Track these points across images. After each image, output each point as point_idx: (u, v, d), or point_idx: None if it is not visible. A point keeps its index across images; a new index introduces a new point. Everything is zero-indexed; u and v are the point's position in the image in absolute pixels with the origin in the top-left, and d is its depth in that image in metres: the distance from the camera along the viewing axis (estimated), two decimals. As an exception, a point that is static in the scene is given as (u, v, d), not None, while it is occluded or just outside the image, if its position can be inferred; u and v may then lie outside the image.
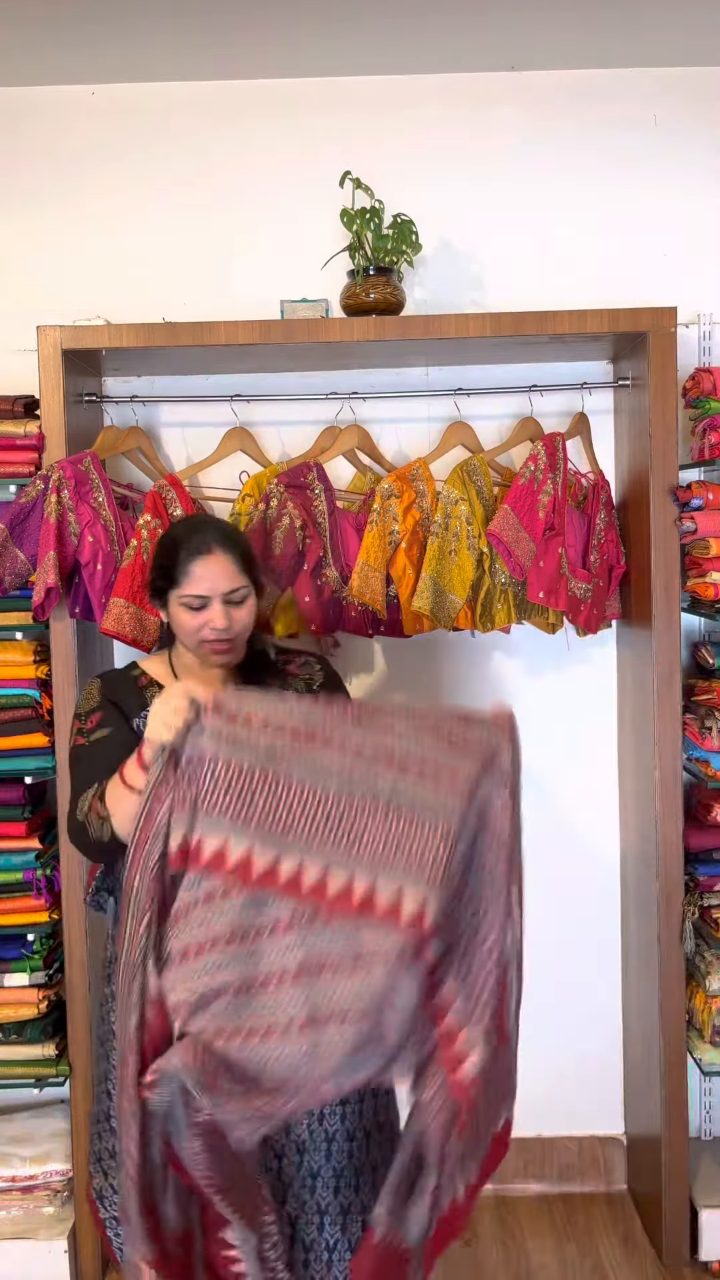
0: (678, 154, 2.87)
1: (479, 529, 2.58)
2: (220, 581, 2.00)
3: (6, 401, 2.60)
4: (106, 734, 2.02)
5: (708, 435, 2.58)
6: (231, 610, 2.01)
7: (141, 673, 2.13)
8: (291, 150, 2.85)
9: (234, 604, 2.02)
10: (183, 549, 2.02)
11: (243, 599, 2.03)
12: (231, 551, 2.02)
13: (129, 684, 2.10)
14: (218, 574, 2.00)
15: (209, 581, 1.99)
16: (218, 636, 2.01)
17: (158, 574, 2.07)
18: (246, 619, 2.04)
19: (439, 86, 2.86)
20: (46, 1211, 2.65)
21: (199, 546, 2.01)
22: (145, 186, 2.86)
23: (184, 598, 2.00)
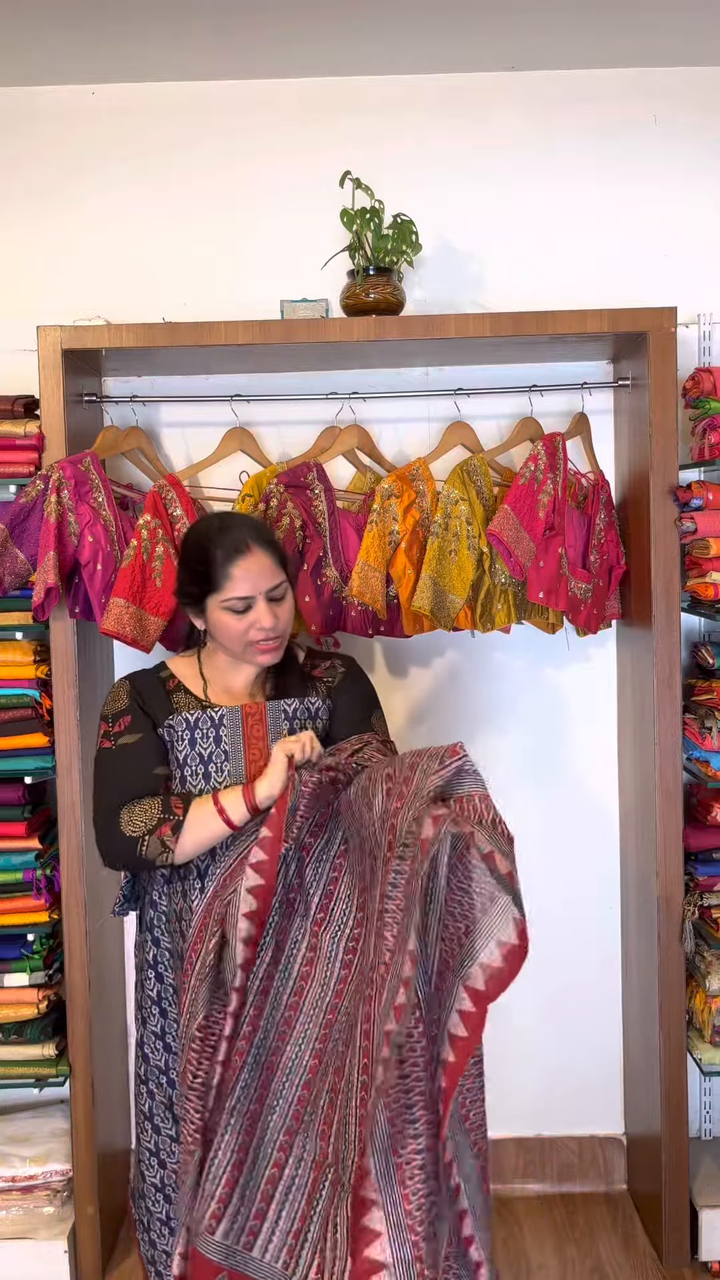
0: (678, 154, 2.87)
1: (479, 529, 2.58)
2: (262, 580, 1.97)
3: (6, 401, 2.60)
4: (135, 740, 2.01)
5: (708, 435, 2.58)
6: (275, 607, 1.98)
7: (170, 674, 2.10)
8: (291, 150, 2.85)
9: (276, 601, 1.99)
10: (218, 550, 1.97)
11: (283, 595, 2.01)
12: (267, 547, 1.99)
13: (157, 686, 2.08)
14: (258, 572, 1.96)
15: (251, 581, 1.96)
16: (266, 636, 1.98)
17: (191, 580, 2.01)
18: (289, 615, 2.02)
19: (439, 87, 2.86)
20: (46, 1211, 2.65)
21: (236, 546, 1.96)
22: (145, 186, 2.86)
23: (227, 601, 1.97)
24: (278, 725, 2.05)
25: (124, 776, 1.98)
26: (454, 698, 2.94)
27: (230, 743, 2.02)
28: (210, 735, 2.02)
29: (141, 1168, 2.12)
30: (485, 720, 2.94)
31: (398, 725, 2.93)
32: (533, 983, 2.95)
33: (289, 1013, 1.86)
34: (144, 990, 2.09)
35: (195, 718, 2.02)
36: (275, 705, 2.07)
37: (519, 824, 2.93)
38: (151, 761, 2.00)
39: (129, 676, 2.11)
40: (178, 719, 2.02)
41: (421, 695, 2.94)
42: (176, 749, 2.02)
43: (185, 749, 2.02)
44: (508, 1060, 2.94)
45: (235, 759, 2.02)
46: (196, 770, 2.01)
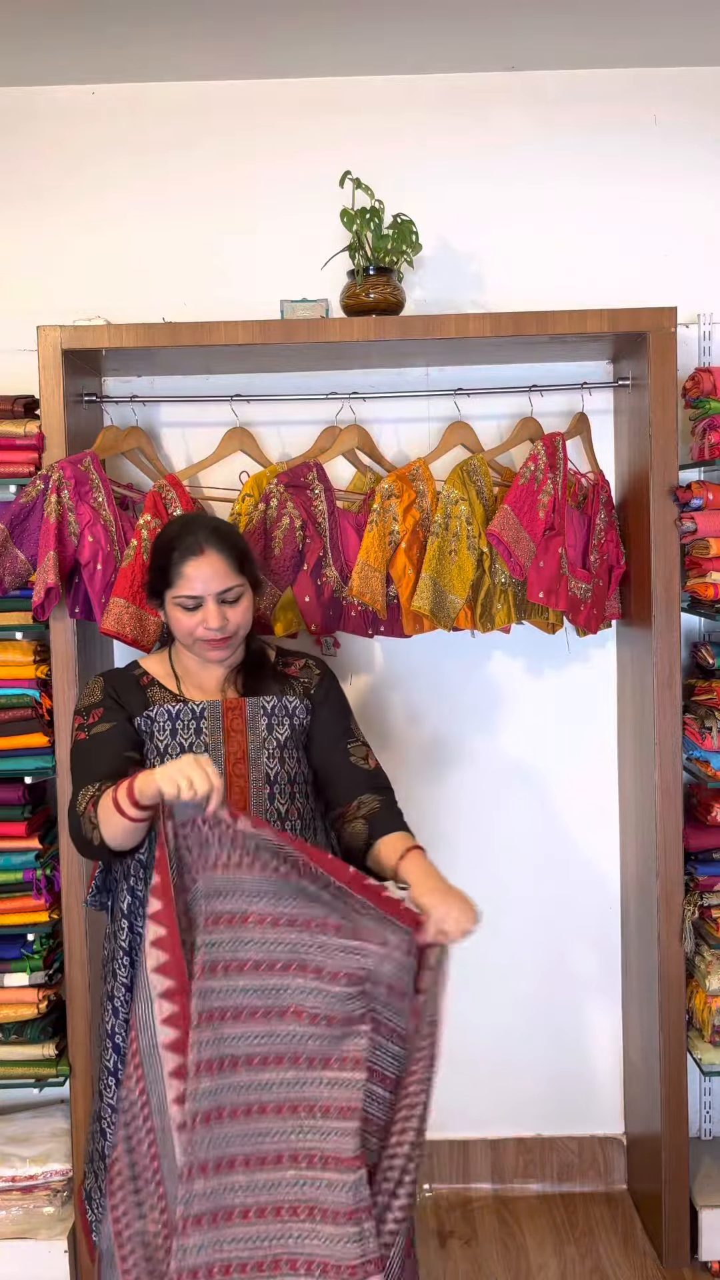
0: (678, 154, 2.87)
1: (479, 529, 2.58)
2: (213, 581, 2.01)
3: (6, 401, 2.60)
4: (108, 728, 2.03)
5: (708, 435, 2.58)
6: (226, 609, 2.02)
7: (144, 672, 2.13)
8: (291, 150, 2.85)
9: (228, 603, 2.03)
10: (175, 549, 2.02)
11: (237, 598, 2.04)
12: (224, 550, 2.03)
13: (131, 682, 2.11)
14: (210, 574, 2.00)
15: (201, 582, 2.00)
16: (211, 635, 2.02)
17: (154, 574, 2.08)
18: (241, 618, 2.05)
19: (439, 86, 2.86)
20: (46, 1211, 2.65)
21: (191, 546, 2.01)
22: (145, 186, 2.86)
23: (178, 598, 2.02)
24: (256, 721, 2.07)
25: (98, 763, 1.98)
26: (454, 697, 2.94)
27: (210, 735, 2.04)
28: (191, 727, 2.04)
29: (94, 1145, 2.09)
30: (485, 720, 2.94)
31: (398, 725, 2.93)
32: (533, 982, 2.97)
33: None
34: (115, 980, 2.07)
35: (177, 709, 2.04)
36: (255, 701, 2.08)
37: (519, 824, 2.95)
38: (122, 746, 2.01)
39: (102, 674, 2.14)
40: (159, 710, 2.04)
41: (421, 695, 2.94)
42: (158, 739, 2.03)
43: (167, 739, 2.03)
44: (508, 1060, 2.94)
45: (215, 751, 2.03)
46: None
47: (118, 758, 1.98)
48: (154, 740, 2.03)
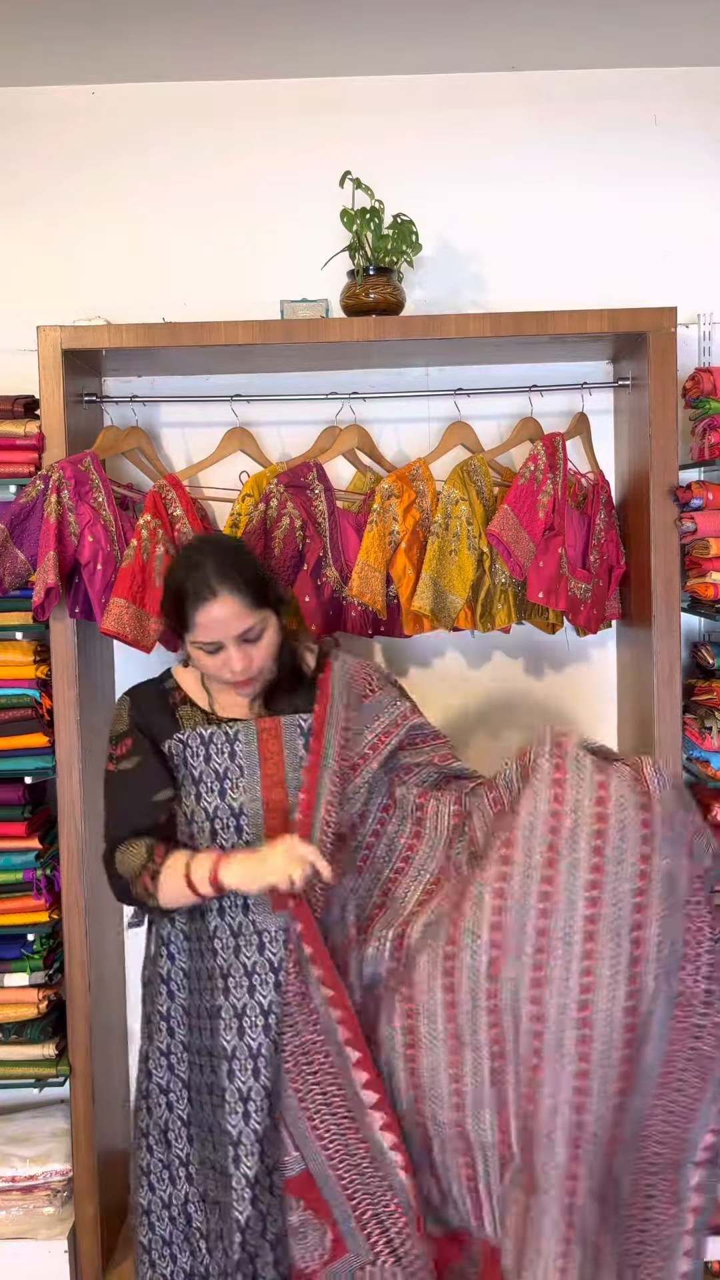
0: (678, 154, 2.87)
1: (479, 529, 2.58)
2: (231, 625, 1.91)
3: (6, 401, 2.60)
4: (134, 765, 1.99)
5: (708, 435, 2.58)
6: (249, 649, 1.94)
7: (175, 685, 2.08)
8: (291, 150, 2.85)
9: (250, 642, 1.94)
10: (186, 594, 1.92)
11: (259, 635, 1.95)
12: (236, 590, 1.91)
13: (161, 700, 2.06)
14: (226, 619, 1.91)
15: (218, 628, 1.91)
16: (236, 678, 1.95)
17: (169, 617, 2.00)
18: (266, 653, 1.98)
19: (439, 86, 2.86)
20: (46, 1211, 2.65)
21: (200, 592, 1.90)
22: (145, 186, 2.86)
23: (197, 643, 1.95)
24: (293, 740, 2.02)
25: (123, 805, 1.99)
26: (454, 698, 2.94)
27: (245, 758, 2.00)
28: (225, 751, 2.00)
29: (136, 1184, 2.08)
30: (485, 720, 2.94)
31: (398, 725, 2.93)
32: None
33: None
34: (154, 1004, 2.06)
35: (210, 733, 2.00)
36: (291, 720, 2.03)
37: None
38: (151, 788, 1.98)
39: (131, 692, 2.09)
40: (191, 735, 2.00)
41: (421, 695, 2.92)
42: (191, 765, 2.00)
43: (200, 765, 1.99)
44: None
45: (250, 774, 1.99)
46: (212, 787, 1.99)
47: (147, 803, 1.97)
48: (188, 767, 1.99)
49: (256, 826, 1.97)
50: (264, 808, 1.98)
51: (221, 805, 1.98)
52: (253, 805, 1.98)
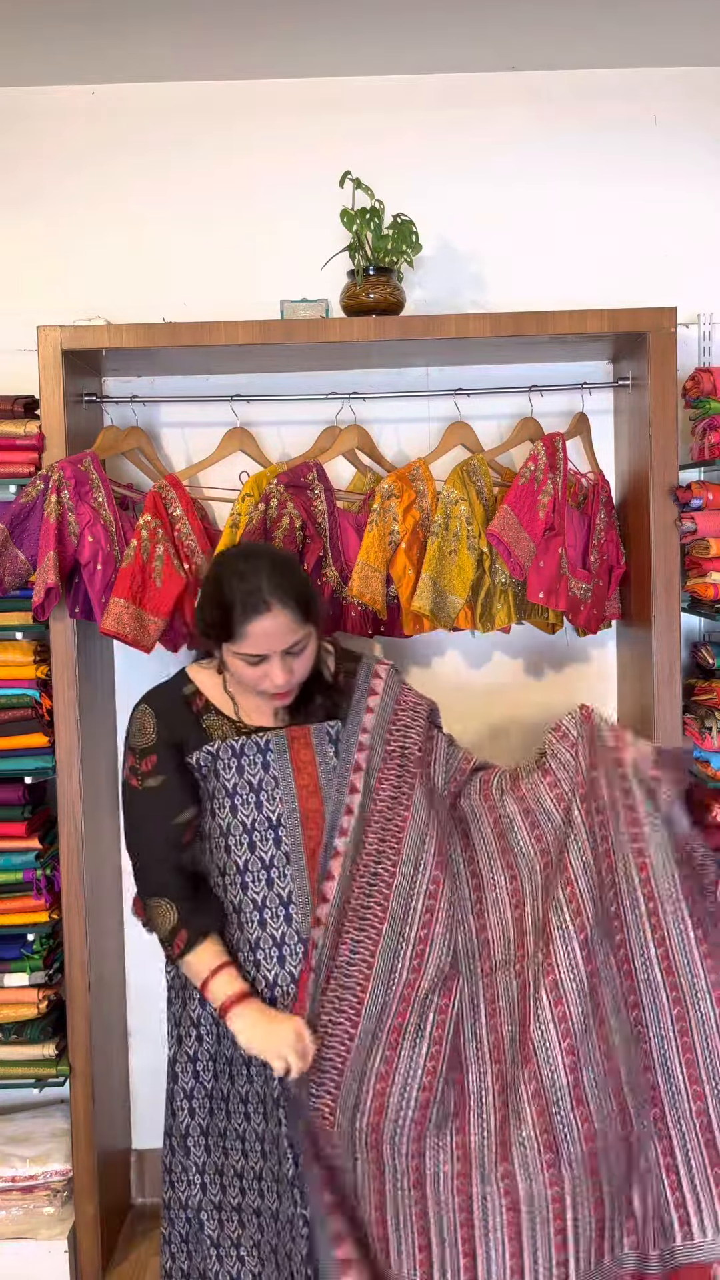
0: (678, 154, 2.87)
1: (479, 529, 2.58)
2: (279, 639, 1.89)
3: (6, 401, 2.60)
4: (159, 784, 1.97)
5: (708, 435, 2.58)
6: (291, 661, 1.92)
7: (196, 690, 2.04)
8: (291, 150, 2.85)
9: (294, 655, 1.93)
10: (236, 605, 1.88)
11: (302, 649, 1.94)
12: (289, 604, 1.89)
13: (183, 708, 2.01)
14: (276, 632, 1.88)
15: (267, 641, 1.89)
16: (277, 690, 1.94)
17: (208, 625, 1.95)
18: (307, 666, 1.97)
19: (439, 86, 2.86)
20: (46, 1211, 2.65)
21: (254, 605, 1.87)
22: (145, 186, 2.86)
23: (241, 654, 1.91)
24: (323, 749, 2.02)
25: (150, 827, 1.98)
26: (454, 698, 2.93)
27: (279, 768, 1.99)
28: (258, 762, 1.98)
29: (163, 1180, 2.09)
30: (485, 720, 2.94)
31: (398, 725, 2.92)
32: (533, 983, 2.96)
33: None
34: (184, 1009, 2.04)
35: (240, 744, 1.98)
36: (320, 729, 2.03)
37: (519, 824, 2.94)
38: (174, 811, 1.97)
39: (152, 701, 2.03)
40: (222, 747, 1.98)
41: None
42: (224, 777, 1.98)
43: (234, 777, 1.98)
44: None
45: (285, 784, 1.98)
46: (248, 799, 1.97)
47: (169, 826, 1.96)
48: (220, 779, 1.97)
49: (295, 836, 1.97)
50: (302, 818, 1.97)
51: (259, 817, 1.97)
52: (290, 816, 1.97)
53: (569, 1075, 1.83)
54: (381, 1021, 1.91)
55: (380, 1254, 1.85)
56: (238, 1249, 1.98)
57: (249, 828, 1.96)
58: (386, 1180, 1.86)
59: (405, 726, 2.08)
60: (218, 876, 1.99)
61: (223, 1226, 1.99)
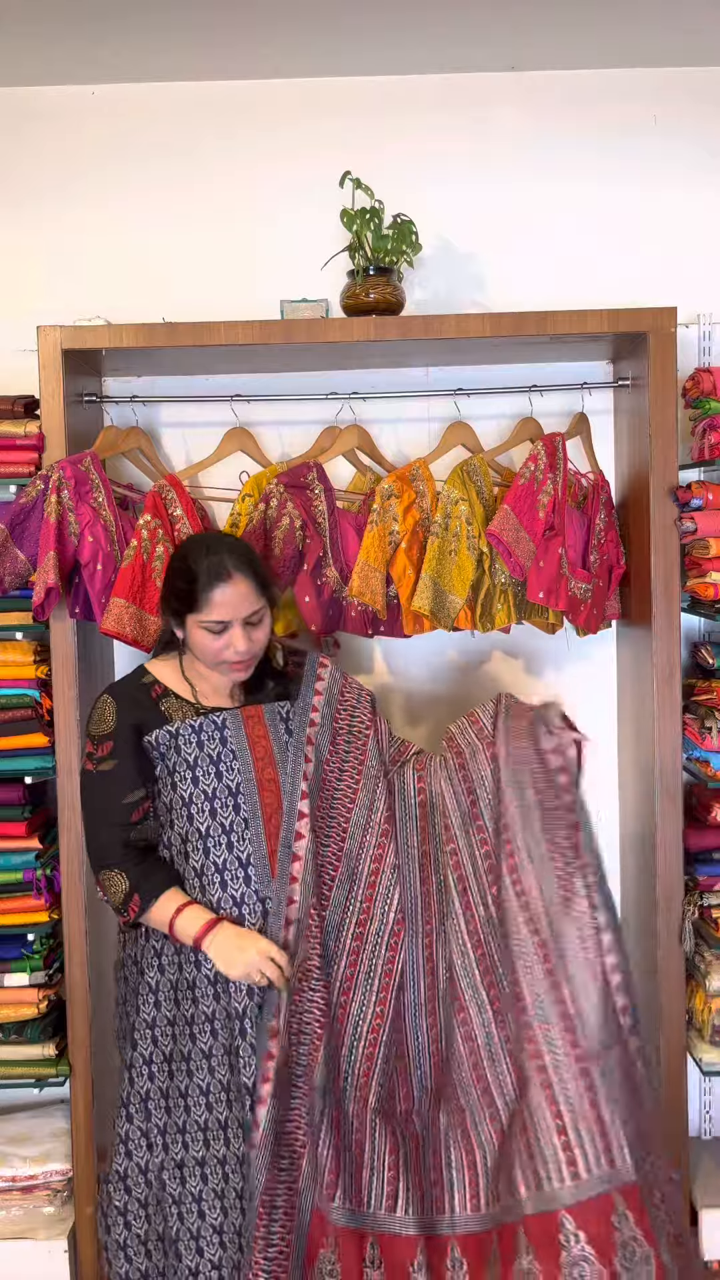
0: (677, 154, 2.87)
1: (479, 529, 2.58)
2: (240, 606, 2.07)
3: (6, 401, 2.60)
4: (112, 766, 2.11)
5: (708, 435, 2.58)
6: (251, 631, 2.09)
7: (154, 680, 2.17)
8: (291, 150, 2.85)
9: (253, 625, 2.10)
10: (201, 574, 2.06)
11: (260, 620, 2.11)
12: (249, 575, 2.08)
13: (142, 696, 2.15)
14: (238, 599, 2.06)
15: (230, 607, 2.06)
16: (239, 658, 2.09)
17: (174, 596, 2.11)
18: (264, 638, 2.14)
19: (439, 87, 2.86)
20: (46, 1211, 2.65)
21: (218, 573, 2.06)
22: (145, 186, 2.86)
23: (205, 623, 2.07)
24: (275, 725, 2.19)
25: (97, 805, 2.12)
26: (454, 698, 2.94)
27: (235, 742, 2.14)
28: (216, 737, 2.13)
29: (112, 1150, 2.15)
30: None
31: (397, 725, 2.92)
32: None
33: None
34: (139, 1015, 2.13)
35: (199, 723, 2.13)
36: (271, 709, 2.20)
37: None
38: (123, 791, 2.10)
39: (113, 691, 2.17)
40: (182, 726, 2.12)
41: (421, 695, 2.94)
42: (184, 752, 2.12)
43: (194, 751, 2.12)
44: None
45: (242, 755, 2.14)
46: (208, 770, 2.12)
47: (119, 804, 2.10)
48: (180, 754, 2.11)
49: (253, 802, 2.12)
50: (258, 786, 2.13)
51: (219, 786, 2.12)
52: (248, 784, 2.13)
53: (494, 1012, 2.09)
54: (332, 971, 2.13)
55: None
56: (199, 1203, 2.07)
57: (210, 795, 2.11)
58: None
59: (351, 706, 2.27)
60: (180, 844, 2.12)
61: (184, 1183, 2.07)
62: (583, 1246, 1.83)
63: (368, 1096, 2.07)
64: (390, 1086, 2.11)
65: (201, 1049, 2.08)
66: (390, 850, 2.20)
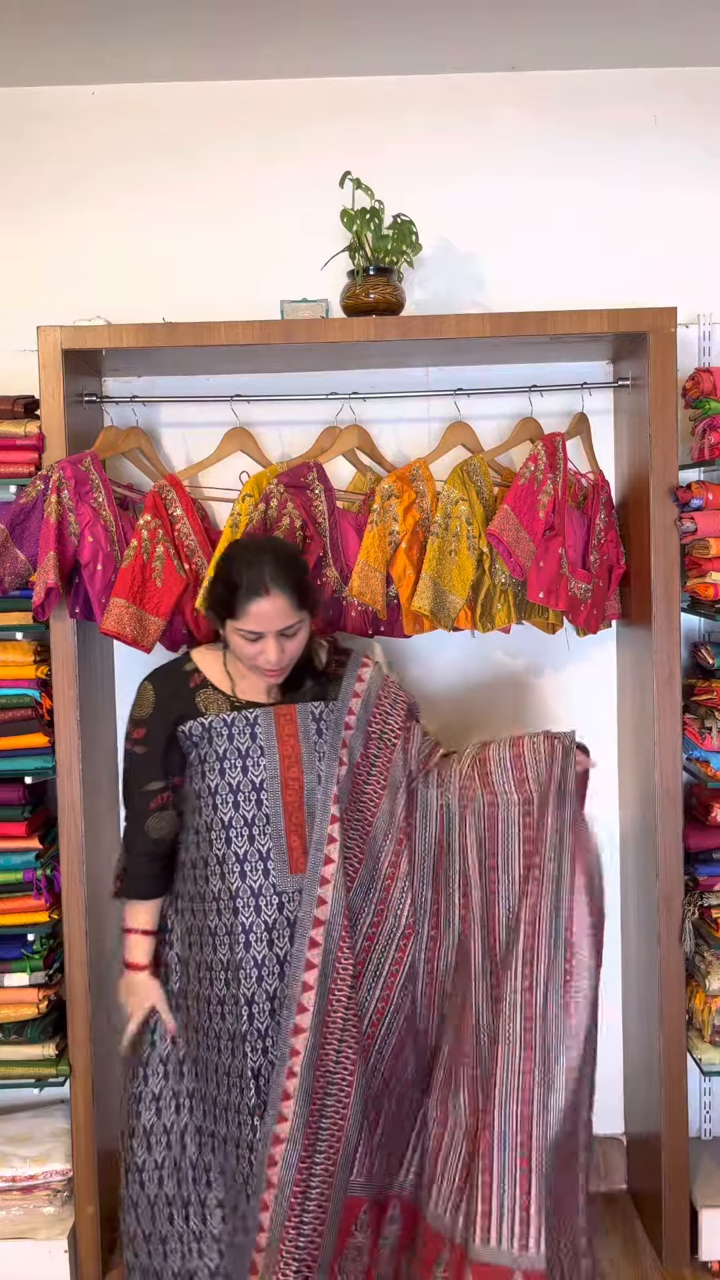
0: (677, 154, 2.87)
1: (479, 529, 2.58)
2: (275, 621, 2.11)
3: (6, 401, 2.60)
4: (142, 752, 2.22)
5: (708, 435, 2.58)
6: (284, 643, 2.14)
7: (195, 669, 2.24)
8: (291, 150, 2.85)
9: (287, 637, 2.14)
10: (240, 586, 2.11)
11: (295, 633, 2.15)
12: (287, 590, 2.11)
13: (182, 683, 2.23)
14: (274, 613, 2.10)
15: (265, 620, 2.10)
16: (270, 668, 2.14)
17: (216, 602, 2.17)
18: (298, 648, 2.18)
19: (439, 87, 2.86)
20: (46, 1211, 2.65)
21: (255, 588, 2.09)
22: (145, 186, 2.86)
23: (240, 630, 2.12)
24: (306, 725, 2.22)
25: (129, 782, 2.24)
26: (454, 698, 2.94)
27: (265, 739, 2.19)
28: (246, 733, 2.19)
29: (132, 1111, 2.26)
30: (485, 721, 2.94)
31: (398, 725, 2.93)
32: (533, 983, 2.96)
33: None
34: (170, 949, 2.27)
35: (232, 718, 2.19)
36: (305, 708, 2.23)
37: (519, 824, 2.94)
38: (145, 778, 2.22)
39: (154, 678, 2.25)
40: (215, 720, 2.19)
41: (421, 695, 2.94)
42: (215, 744, 2.19)
43: (224, 744, 2.19)
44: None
45: (270, 753, 2.19)
46: (235, 764, 2.18)
47: (140, 790, 2.23)
48: (212, 745, 2.18)
49: (275, 799, 2.18)
50: (282, 784, 2.18)
51: (244, 780, 2.18)
52: (272, 781, 2.18)
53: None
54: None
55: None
56: (208, 1173, 2.20)
57: (234, 788, 2.17)
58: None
59: (385, 712, 2.32)
60: (204, 832, 2.18)
61: (201, 1151, 2.20)
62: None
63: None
64: (386, 1075, 2.24)
65: (220, 1062, 2.19)
66: (404, 859, 2.27)
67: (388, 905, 2.24)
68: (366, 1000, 2.21)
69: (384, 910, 2.24)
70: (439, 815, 2.30)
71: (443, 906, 2.28)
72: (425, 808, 2.31)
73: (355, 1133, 2.14)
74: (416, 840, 2.30)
